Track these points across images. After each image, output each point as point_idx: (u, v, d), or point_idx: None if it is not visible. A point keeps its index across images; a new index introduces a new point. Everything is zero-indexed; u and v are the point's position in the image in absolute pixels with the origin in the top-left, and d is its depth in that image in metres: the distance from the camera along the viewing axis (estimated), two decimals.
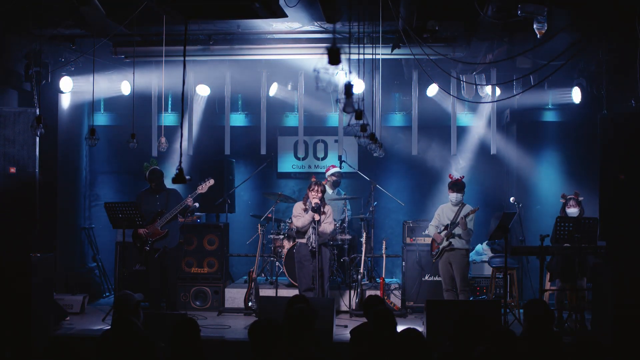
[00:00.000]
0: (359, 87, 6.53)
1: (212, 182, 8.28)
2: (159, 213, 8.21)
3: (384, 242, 9.04)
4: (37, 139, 6.92)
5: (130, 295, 5.17)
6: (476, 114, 10.18)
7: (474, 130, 10.22)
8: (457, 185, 8.11)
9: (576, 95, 9.04)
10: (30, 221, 6.87)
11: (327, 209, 8.08)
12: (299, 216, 8.01)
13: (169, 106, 10.71)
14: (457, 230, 8.00)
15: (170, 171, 9.35)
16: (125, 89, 9.65)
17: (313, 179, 8.13)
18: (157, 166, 8.49)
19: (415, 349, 4.02)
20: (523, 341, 4.57)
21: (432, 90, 9.45)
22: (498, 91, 9.05)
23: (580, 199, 7.96)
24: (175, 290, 8.51)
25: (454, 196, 8.12)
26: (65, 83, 9.08)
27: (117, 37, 7.93)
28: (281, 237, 9.34)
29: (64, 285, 9.18)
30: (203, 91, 10.04)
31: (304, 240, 8.00)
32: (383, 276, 8.86)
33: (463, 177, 8.26)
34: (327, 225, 7.99)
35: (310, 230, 7.87)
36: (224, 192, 9.54)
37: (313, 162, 10.87)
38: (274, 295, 8.51)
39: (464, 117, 10.23)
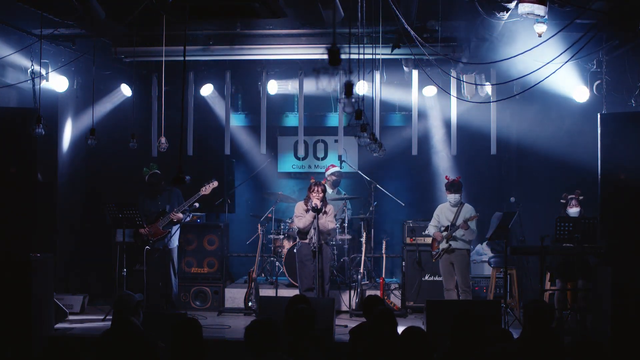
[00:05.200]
0: (359, 87, 6.52)
1: (216, 184, 8.21)
2: (161, 213, 8.20)
3: (384, 242, 9.03)
4: (37, 139, 6.91)
5: (130, 295, 5.17)
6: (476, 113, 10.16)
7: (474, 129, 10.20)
8: (454, 186, 8.13)
9: (578, 94, 8.98)
10: (30, 221, 6.86)
11: (329, 208, 8.09)
12: (300, 217, 8.03)
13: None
14: (458, 233, 7.99)
15: (170, 171, 9.32)
16: (126, 90, 9.65)
17: (312, 180, 8.13)
18: (157, 170, 8.45)
19: (419, 347, 4.01)
20: (523, 341, 4.58)
21: (430, 91, 9.42)
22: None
23: (581, 198, 7.96)
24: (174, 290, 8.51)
25: (451, 197, 8.15)
26: (65, 83, 9.07)
27: (117, 37, 7.93)
28: (281, 237, 9.34)
29: (64, 285, 9.17)
30: (206, 91, 10.02)
31: (306, 241, 8.03)
32: (383, 276, 8.86)
33: (459, 177, 8.27)
34: (328, 223, 7.98)
35: (312, 230, 7.89)
36: (224, 192, 9.53)
37: (313, 162, 10.86)
38: (274, 295, 8.50)
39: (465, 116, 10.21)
